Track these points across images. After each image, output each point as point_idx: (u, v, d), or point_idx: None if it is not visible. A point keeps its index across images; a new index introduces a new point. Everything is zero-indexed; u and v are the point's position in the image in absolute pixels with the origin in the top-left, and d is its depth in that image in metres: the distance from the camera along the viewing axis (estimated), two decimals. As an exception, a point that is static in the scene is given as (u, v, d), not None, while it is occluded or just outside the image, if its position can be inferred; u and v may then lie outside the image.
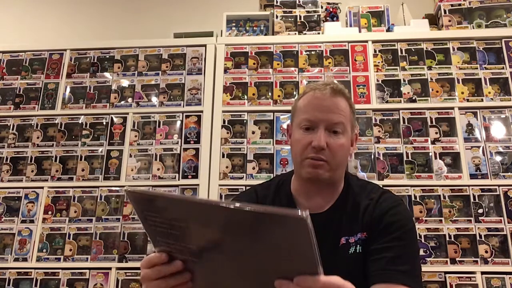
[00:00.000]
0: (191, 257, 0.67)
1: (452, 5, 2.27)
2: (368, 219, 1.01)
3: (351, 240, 1.00)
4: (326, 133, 1.00)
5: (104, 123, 2.15)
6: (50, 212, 2.02)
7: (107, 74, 2.24)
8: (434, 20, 2.35)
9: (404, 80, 2.10)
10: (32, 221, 2.01)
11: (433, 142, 1.99)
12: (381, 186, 1.14)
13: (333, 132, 1.01)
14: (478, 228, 1.84)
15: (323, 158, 1.00)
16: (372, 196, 1.05)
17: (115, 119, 2.15)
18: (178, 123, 2.12)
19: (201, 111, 2.12)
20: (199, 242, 0.65)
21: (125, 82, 2.22)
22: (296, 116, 1.07)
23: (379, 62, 2.14)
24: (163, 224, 0.65)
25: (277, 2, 2.41)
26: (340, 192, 1.08)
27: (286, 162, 2.01)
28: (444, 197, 1.90)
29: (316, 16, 2.35)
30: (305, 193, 1.08)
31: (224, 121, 2.10)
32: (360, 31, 2.31)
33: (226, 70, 2.19)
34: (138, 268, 1.90)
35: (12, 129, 2.17)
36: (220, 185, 1.99)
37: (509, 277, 1.77)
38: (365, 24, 2.36)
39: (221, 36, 2.36)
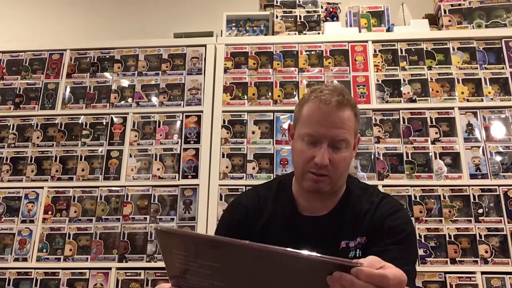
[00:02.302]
0: None
1: (452, 5, 2.27)
2: (368, 223, 1.01)
3: (351, 245, 1.00)
4: (329, 149, 0.97)
5: (104, 123, 2.15)
6: (50, 212, 2.02)
7: (107, 74, 2.24)
8: (434, 20, 2.35)
9: (404, 80, 2.10)
10: (32, 221, 2.01)
11: (433, 142, 1.99)
12: (381, 189, 1.14)
13: (336, 147, 0.98)
14: (478, 228, 1.84)
15: (325, 173, 0.98)
16: (373, 200, 1.05)
17: (115, 119, 2.15)
18: (178, 123, 2.12)
19: (201, 111, 2.12)
20: (231, 282, 0.61)
21: (125, 82, 2.22)
22: (299, 125, 1.03)
23: (379, 62, 2.14)
24: (192, 263, 0.62)
25: (277, 2, 2.41)
26: (341, 196, 1.08)
27: (286, 162, 2.01)
28: (444, 197, 1.90)
29: (316, 16, 2.35)
30: (305, 198, 1.08)
31: (224, 121, 2.10)
32: (360, 31, 2.31)
33: (226, 70, 2.19)
34: (138, 268, 1.91)
35: (12, 129, 2.17)
36: (220, 185, 1.99)
37: (509, 277, 1.77)
38: (365, 24, 2.36)
39: (221, 36, 2.36)
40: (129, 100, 2.19)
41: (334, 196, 1.07)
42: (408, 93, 2.08)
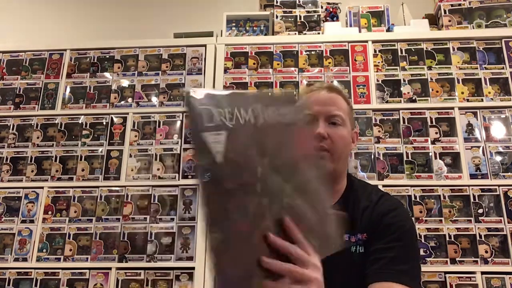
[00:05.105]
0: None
1: (452, 5, 2.27)
2: (367, 221, 1.02)
3: (352, 240, 1.01)
4: (326, 124, 1.04)
5: (104, 123, 2.15)
6: (50, 212, 2.02)
7: (107, 74, 2.24)
8: (434, 20, 2.35)
9: (404, 80, 2.10)
10: (32, 221, 2.01)
11: (433, 142, 1.99)
12: (381, 188, 1.14)
13: (332, 123, 1.04)
14: (478, 228, 1.84)
15: (325, 147, 1.02)
16: (372, 198, 1.06)
17: (115, 119, 2.15)
18: (178, 123, 2.12)
19: (201, 111, 2.12)
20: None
21: (125, 82, 2.22)
22: None
23: (379, 62, 2.14)
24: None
25: (277, 2, 2.41)
26: (344, 190, 1.09)
27: (286, 162, 2.01)
28: (444, 197, 1.90)
29: (316, 16, 2.35)
30: None
31: (224, 121, 2.09)
32: (360, 31, 2.31)
33: (226, 70, 2.19)
34: (138, 268, 1.91)
35: (12, 129, 2.17)
36: (220, 185, 1.99)
37: (509, 277, 1.77)
38: (365, 24, 2.36)
39: (221, 36, 2.36)
40: (129, 100, 2.19)
41: (336, 188, 1.08)
42: (408, 93, 2.08)
